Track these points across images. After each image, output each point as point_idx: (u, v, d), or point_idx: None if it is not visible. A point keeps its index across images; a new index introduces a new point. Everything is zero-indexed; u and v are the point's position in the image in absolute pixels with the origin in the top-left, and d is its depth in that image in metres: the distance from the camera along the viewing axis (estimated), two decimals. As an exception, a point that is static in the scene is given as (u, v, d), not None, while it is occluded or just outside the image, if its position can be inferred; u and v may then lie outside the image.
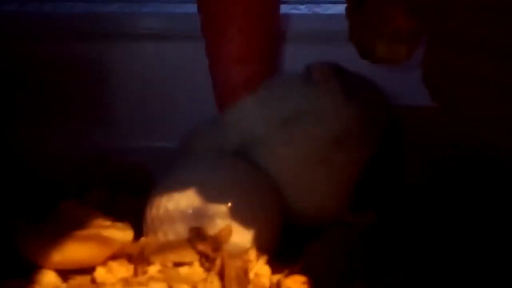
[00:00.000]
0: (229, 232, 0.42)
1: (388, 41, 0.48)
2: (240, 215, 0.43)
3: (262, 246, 0.43)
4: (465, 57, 0.40)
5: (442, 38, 0.44)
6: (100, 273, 0.40)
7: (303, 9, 0.86)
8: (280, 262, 0.43)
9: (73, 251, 0.41)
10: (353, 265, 0.43)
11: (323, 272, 0.42)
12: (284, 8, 0.82)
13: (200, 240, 0.40)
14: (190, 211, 0.44)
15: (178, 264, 0.40)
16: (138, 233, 0.46)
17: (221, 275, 0.38)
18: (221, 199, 0.44)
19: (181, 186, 0.45)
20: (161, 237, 0.45)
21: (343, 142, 0.47)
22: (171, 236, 0.44)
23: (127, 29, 0.70)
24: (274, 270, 0.41)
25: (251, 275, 0.39)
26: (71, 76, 0.69)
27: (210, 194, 0.44)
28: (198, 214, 0.43)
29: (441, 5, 0.41)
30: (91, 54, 0.70)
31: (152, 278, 0.38)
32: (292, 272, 0.41)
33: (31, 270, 0.40)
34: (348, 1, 0.53)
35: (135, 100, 0.70)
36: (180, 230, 0.44)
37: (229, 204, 0.43)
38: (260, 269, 0.40)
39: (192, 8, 0.63)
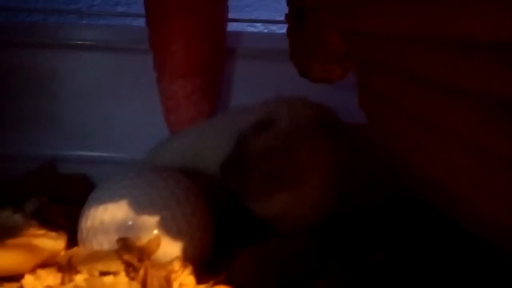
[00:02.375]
0: (158, 242, 0.43)
1: (322, 61, 0.51)
2: (170, 227, 0.44)
3: (192, 256, 0.44)
4: (392, 84, 0.42)
5: (371, 64, 0.45)
6: (28, 280, 0.40)
7: (259, 26, 0.88)
8: (208, 272, 0.44)
9: (1, 259, 0.41)
10: (280, 274, 0.44)
11: (249, 282, 0.43)
12: (240, 26, 0.84)
13: (126, 250, 0.41)
14: (124, 222, 0.45)
15: (104, 273, 0.40)
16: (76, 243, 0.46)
17: (144, 285, 0.39)
18: (152, 211, 0.44)
19: (115, 197, 0.46)
20: (96, 247, 0.45)
21: None
22: (105, 247, 0.45)
23: (68, 40, 0.70)
24: (200, 281, 0.42)
25: (175, 285, 0.40)
26: (13, 84, 0.69)
27: (143, 206, 0.45)
28: (131, 225, 0.44)
29: (369, 33, 0.43)
30: (33, 63, 0.70)
31: (76, 287, 0.39)
32: (217, 283, 0.42)
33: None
34: (288, 22, 0.55)
35: (77, 109, 0.71)
36: (115, 241, 0.44)
37: (160, 216, 0.44)
38: (184, 279, 0.40)
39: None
